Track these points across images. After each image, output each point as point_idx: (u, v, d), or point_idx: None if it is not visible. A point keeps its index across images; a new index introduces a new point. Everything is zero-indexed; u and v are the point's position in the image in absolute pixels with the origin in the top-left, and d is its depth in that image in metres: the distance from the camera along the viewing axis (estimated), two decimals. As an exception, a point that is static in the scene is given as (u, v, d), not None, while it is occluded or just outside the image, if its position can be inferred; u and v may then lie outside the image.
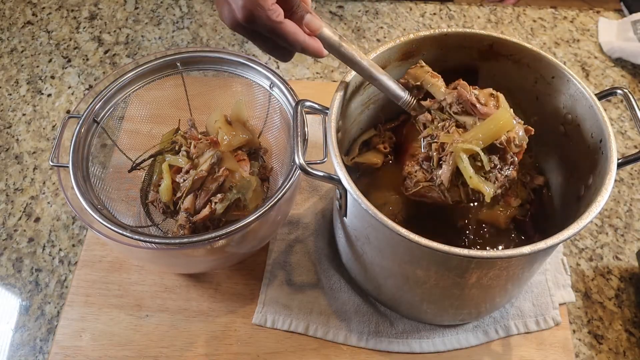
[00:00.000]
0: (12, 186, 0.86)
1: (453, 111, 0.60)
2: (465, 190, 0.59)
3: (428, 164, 0.61)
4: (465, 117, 0.59)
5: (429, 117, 0.62)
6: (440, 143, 0.59)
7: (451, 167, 0.57)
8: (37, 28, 1.08)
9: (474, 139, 0.57)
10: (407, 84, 0.63)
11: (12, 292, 0.76)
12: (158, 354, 0.69)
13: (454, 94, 0.60)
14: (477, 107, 0.58)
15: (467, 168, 0.56)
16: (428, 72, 0.62)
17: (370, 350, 0.69)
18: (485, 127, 0.57)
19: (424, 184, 0.61)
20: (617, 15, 1.09)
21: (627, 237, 0.80)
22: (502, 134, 0.57)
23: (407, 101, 0.62)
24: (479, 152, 0.56)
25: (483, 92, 0.60)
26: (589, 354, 0.70)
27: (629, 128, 0.92)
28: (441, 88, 0.62)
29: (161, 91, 0.77)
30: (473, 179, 0.56)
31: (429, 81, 0.62)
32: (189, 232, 0.68)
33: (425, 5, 1.11)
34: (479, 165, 0.57)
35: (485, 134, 0.57)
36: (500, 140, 0.57)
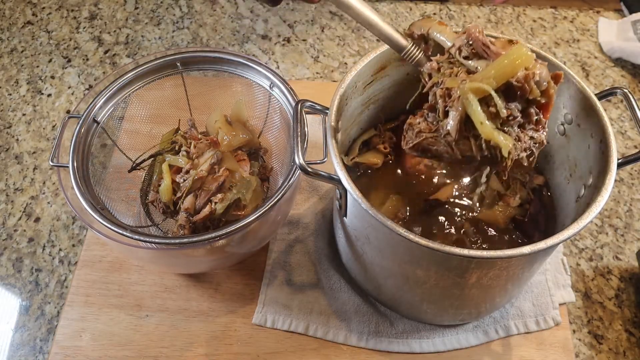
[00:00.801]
0: (12, 186, 0.86)
1: (463, 56, 0.51)
2: (477, 144, 0.49)
3: (433, 115, 0.52)
4: (478, 62, 0.50)
5: (435, 66, 0.53)
6: (445, 89, 0.50)
7: (459, 114, 0.48)
8: (37, 28, 1.08)
9: (485, 78, 0.47)
10: (412, 34, 0.55)
11: (12, 292, 0.76)
12: (158, 354, 0.69)
13: (463, 36, 0.52)
14: (489, 48, 0.49)
15: (477, 112, 0.47)
16: (435, 21, 0.55)
17: (370, 350, 0.69)
18: (498, 63, 0.48)
19: (428, 134, 0.52)
20: (617, 15, 1.09)
21: (627, 237, 0.80)
22: (518, 70, 0.47)
23: (410, 52, 0.54)
24: (491, 92, 0.47)
25: (500, 40, 0.51)
26: (589, 354, 0.70)
27: (629, 128, 0.92)
28: (450, 34, 0.53)
29: (161, 91, 0.77)
30: (485, 125, 0.47)
31: (436, 29, 0.54)
32: (189, 232, 0.68)
33: (425, 5, 1.11)
34: (494, 112, 0.48)
35: (498, 71, 0.47)
36: (517, 78, 0.47)
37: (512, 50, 0.48)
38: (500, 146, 0.47)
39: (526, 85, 0.47)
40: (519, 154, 0.49)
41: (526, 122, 0.50)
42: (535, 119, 0.50)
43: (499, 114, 0.47)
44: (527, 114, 0.50)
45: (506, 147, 0.47)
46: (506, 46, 0.50)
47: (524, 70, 0.47)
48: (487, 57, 0.50)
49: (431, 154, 0.53)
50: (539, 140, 0.50)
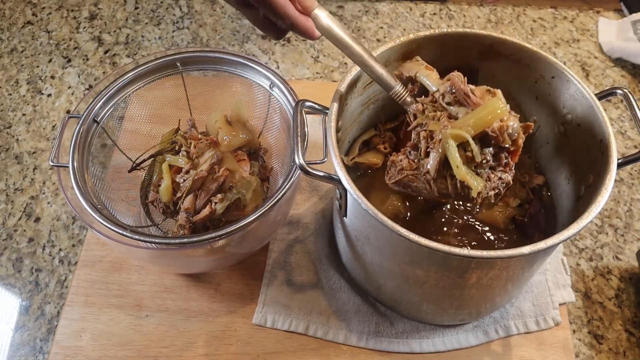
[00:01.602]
0: (12, 186, 0.86)
1: (446, 102, 0.57)
2: (453, 183, 0.55)
3: (415, 154, 0.58)
4: (458, 108, 0.56)
5: (420, 108, 0.59)
6: (428, 131, 0.56)
7: (439, 156, 0.54)
8: (37, 28, 1.08)
9: (464, 126, 0.54)
10: (401, 76, 0.61)
11: (12, 292, 0.76)
12: (158, 354, 0.69)
13: (447, 83, 0.58)
14: (470, 97, 0.56)
15: (455, 156, 0.53)
16: (423, 65, 0.61)
17: (370, 350, 0.69)
18: (477, 113, 0.54)
19: (409, 172, 0.57)
20: (617, 15, 1.09)
21: (627, 237, 0.80)
22: (494, 122, 0.53)
23: (399, 92, 0.59)
24: (469, 139, 0.53)
25: (479, 88, 0.57)
26: (589, 354, 0.70)
27: (629, 128, 0.92)
28: (435, 79, 0.59)
29: (161, 91, 0.77)
30: (460, 169, 0.53)
31: (423, 73, 0.60)
32: (189, 232, 0.68)
33: (425, 5, 1.11)
34: (470, 157, 0.54)
35: (477, 121, 0.53)
36: (492, 128, 0.53)
37: (489, 103, 0.55)
38: (471, 187, 0.54)
39: (500, 136, 0.54)
40: (487, 193, 0.55)
41: (497, 165, 0.56)
42: (504, 162, 0.56)
43: (474, 158, 0.53)
44: (498, 158, 0.56)
45: (476, 189, 0.53)
46: (484, 95, 0.56)
47: (499, 122, 0.53)
48: (466, 105, 0.56)
49: (411, 190, 0.59)
50: (506, 181, 0.56)
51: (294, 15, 0.55)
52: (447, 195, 0.56)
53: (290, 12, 0.55)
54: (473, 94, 0.56)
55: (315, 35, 0.57)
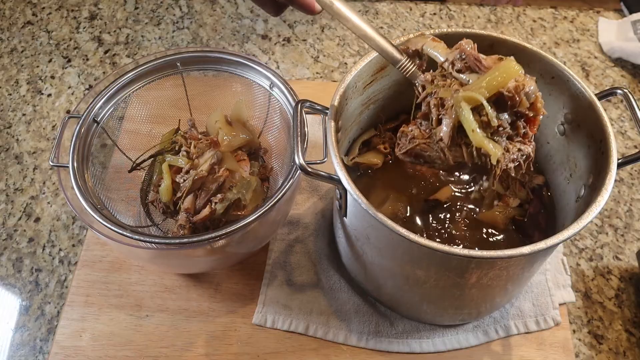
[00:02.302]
0: (12, 186, 0.86)
1: (456, 69, 0.53)
2: (469, 151, 0.51)
3: (427, 124, 0.54)
4: (470, 75, 0.52)
5: (429, 78, 0.55)
6: (439, 98, 0.52)
7: (452, 121, 0.50)
8: (37, 28, 1.08)
9: (477, 88, 0.50)
10: (407, 50, 0.58)
11: (12, 292, 0.76)
12: (158, 354, 0.69)
13: (455, 52, 0.54)
14: (481, 62, 0.52)
15: (469, 120, 0.49)
16: (429, 37, 0.58)
17: (370, 350, 0.69)
18: (490, 75, 0.50)
19: (421, 141, 0.54)
20: (617, 15, 1.09)
21: (627, 237, 0.80)
22: (509, 81, 0.49)
23: (405, 65, 0.56)
24: (483, 101, 0.49)
25: (490, 57, 0.53)
26: (589, 354, 0.70)
27: (629, 128, 0.92)
28: (443, 50, 0.56)
29: (161, 91, 0.77)
30: (476, 133, 0.49)
31: (429, 45, 0.56)
32: (189, 232, 0.68)
33: (425, 5, 1.11)
34: (485, 122, 0.50)
35: (490, 82, 0.50)
36: (508, 88, 0.49)
37: (502, 64, 0.51)
38: (490, 154, 0.49)
39: (516, 96, 0.49)
40: (507, 164, 0.51)
41: (514, 134, 0.52)
42: (522, 132, 0.52)
43: (489, 123, 0.49)
44: (516, 127, 0.52)
45: (495, 155, 0.49)
46: (496, 62, 0.52)
47: (514, 82, 0.50)
48: (478, 71, 0.52)
49: (424, 160, 0.55)
50: (526, 153, 0.52)
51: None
52: (463, 165, 0.53)
53: None
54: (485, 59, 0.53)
55: (315, 9, 0.54)
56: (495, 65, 0.51)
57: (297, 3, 0.54)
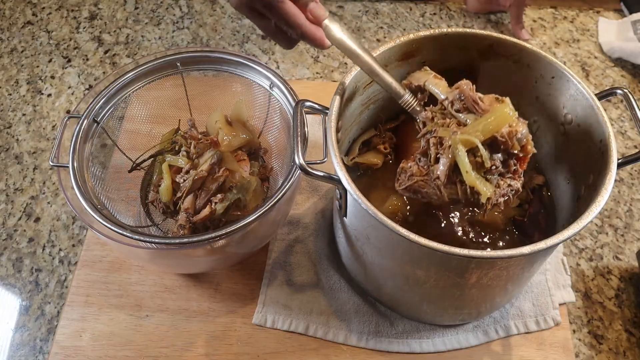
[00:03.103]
0: (12, 186, 0.86)
1: (455, 109, 0.57)
2: (463, 189, 0.55)
3: (425, 160, 0.58)
4: (467, 115, 0.56)
5: (429, 116, 0.59)
6: (438, 137, 0.56)
7: (449, 161, 0.55)
8: (37, 28, 1.08)
9: (474, 131, 0.54)
10: (410, 85, 0.61)
11: (12, 292, 0.76)
12: (158, 354, 0.69)
13: (455, 91, 0.58)
14: (479, 104, 0.56)
15: (464, 161, 0.53)
16: (431, 74, 0.61)
17: (370, 350, 0.69)
18: (485, 119, 0.55)
19: (419, 178, 0.58)
20: (617, 15, 1.09)
21: (627, 237, 0.80)
22: (503, 126, 0.53)
23: (407, 101, 0.60)
24: (478, 144, 0.53)
25: (487, 97, 0.57)
26: (589, 354, 0.70)
27: (629, 128, 0.92)
28: (444, 88, 0.60)
29: (161, 91, 0.77)
30: (469, 174, 0.53)
31: (431, 82, 0.60)
32: (189, 232, 0.68)
33: (425, 5, 1.11)
34: (480, 162, 0.54)
35: (485, 127, 0.54)
36: (501, 134, 0.53)
37: (498, 108, 0.55)
38: (481, 194, 0.54)
39: (509, 140, 0.54)
40: (497, 200, 0.55)
41: (506, 171, 0.56)
42: (513, 169, 0.56)
43: (483, 164, 0.54)
44: (507, 165, 0.56)
45: (485, 195, 0.54)
46: (493, 102, 0.56)
47: (508, 127, 0.53)
48: (475, 112, 0.56)
49: (421, 196, 0.58)
50: (515, 188, 0.56)
51: (305, 24, 0.56)
52: (457, 201, 0.57)
53: (301, 21, 0.56)
54: (481, 101, 0.56)
55: (325, 44, 0.58)
56: (492, 107, 0.55)
57: (308, 38, 0.57)
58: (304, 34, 0.57)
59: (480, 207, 0.55)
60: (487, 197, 0.54)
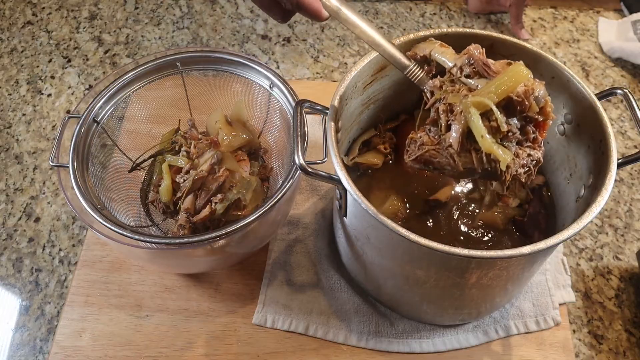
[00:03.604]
0: (12, 186, 0.86)
1: (464, 75, 0.53)
2: (478, 157, 0.50)
3: (435, 130, 0.53)
4: (478, 80, 0.52)
5: (437, 84, 0.55)
6: (448, 104, 0.52)
7: (461, 127, 0.50)
8: (37, 28, 1.08)
9: (486, 93, 0.49)
10: (415, 56, 0.58)
11: (12, 292, 0.76)
12: (158, 354, 0.69)
13: (464, 57, 0.54)
14: (490, 67, 0.51)
15: (478, 125, 0.48)
16: (437, 43, 0.57)
17: (370, 350, 0.69)
18: (499, 79, 0.50)
19: (430, 147, 0.53)
20: (617, 15, 1.09)
21: (627, 237, 0.80)
22: (518, 85, 0.49)
23: (413, 71, 0.56)
24: (492, 106, 0.48)
25: (499, 62, 0.53)
26: (589, 354, 0.70)
27: (629, 128, 0.92)
28: (451, 55, 0.56)
29: (161, 91, 0.77)
30: (485, 139, 0.48)
31: (437, 50, 0.56)
32: (189, 232, 0.68)
33: (425, 5, 1.11)
34: (495, 127, 0.49)
35: (499, 86, 0.49)
36: (517, 93, 0.49)
37: (511, 68, 0.50)
38: (499, 160, 0.49)
39: (526, 100, 0.49)
40: (517, 170, 0.51)
41: (524, 139, 0.52)
42: (532, 137, 0.52)
43: (499, 128, 0.49)
44: (525, 132, 0.51)
45: (505, 161, 0.49)
46: (505, 67, 0.51)
47: (523, 86, 0.49)
48: (487, 76, 0.51)
49: (433, 167, 0.54)
50: (536, 158, 0.52)
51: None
52: (473, 171, 0.52)
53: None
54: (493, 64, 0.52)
55: (323, 15, 0.54)
56: (504, 69, 0.51)
57: (304, 9, 0.53)
58: (300, 4, 0.53)
59: (499, 177, 0.50)
60: (506, 163, 0.49)
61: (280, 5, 0.55)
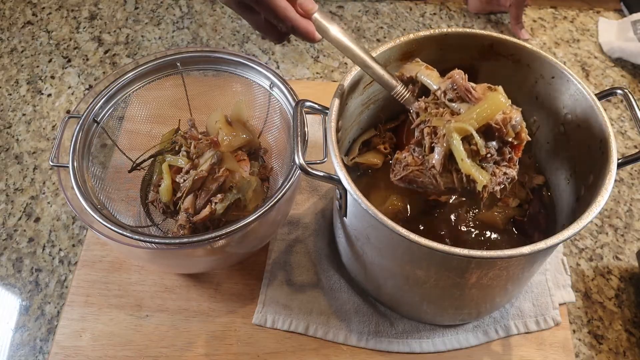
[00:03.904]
0: (12, 186, 0.86)
1: (448, 99, 0.57)
2: (459, 177, 0.55)
3: (419, 150, 0.58)
4: (460, 104, 0.56)
5: (422, 106, 0.59)
6: (432, 127, 0.56)
7: (444, 150, 0.54)
8: (37, 28, 1.08)
9: (468, 119, 0.54)
10: (402, 77, 0.61)
11: (12, 292, 0.76)
12: (158, 354, 0.69)
13: (447, 81, 0.58)
14: (471, 93, 0.56)
15: (459, 149, 0.53)
16: (423, 65, 0.61)
17: (370, 350, 0.69)
18: (479, 107, 0.54)
19: (414, 167, 0.57)
20: (617, 15, 1.09)
21: (627, 237, 0.80)
22: (496, 113, 0.54)
23: (400, 92, 0.60)
24: (472, 132, 0.53)
25: (480, 86, 0.57)
26: (589, 354, 0.70)
27: (629, 128, 0.92)
28: (436, 78, 0.59)
29: (161, 91, 0.77)
30: (465, 162, 0.53)
31: (423, 73, 0.60)
32: (189, 232, 0.68)
33: (425, 5, 1.11)
34: (475, 150, 0.54)
35: (479, 114, 0.54)
36: (496, 120, 0.53)
37: (491, 96, 0.55)
38: (477, 182, 0.53)
39: (503, 127, 0.53)
40: (493, 188, 0.55)
41: (501, 159, 0.56)
42: (508, 157, 0.56)
43: (479, 151, 0.53)
44: (502, 152, 0.55)
45: (481, 182, 0.53)
46: (486, 91, 0.56)
47: (502, 114, 0.53)
48: (469, 101, 0.55)
49: (417, 186, 0.58)
50: (511, 176, 0.56)
51: (294, 18, 0.56)
52: (454, 190, 0.56)
53: (291, 15, 0.56)
54: (474, 90, 0.56)
55: (316, 38, 0.58)
56: (485, 95, 0.55)
57: (298, 32, 0.57)
58: (294, 28, 0.56)
59: (477, 195, 0.55)
60: (483, 184, 0.54)
61: (276, 29, 0.58)
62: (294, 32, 0.57)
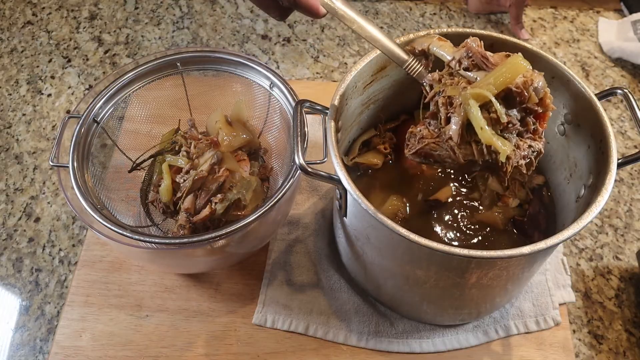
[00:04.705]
0: (12, 186, 0.86)
1: (463, 67, 0.53)
2: (479, 149, 0.50)
3: (435, 123, 0.53)
4: (477, 73, 0.52)
5: (436, 77, 0.55)
6: (447, 97, 0.52)
7: (461, 119, 0.50)
8: (37, 28, 1.08)
9: (485, 85, 0.49)
10: (413, 50, 0.58)
11: (12, 292, 0.76)
12: (158, 354, 0.69)
13: (462, 50, 0.54)
14: (488, 59, 0.51)
15: (478, 117, 0.48)
16: (435, 36, 0.57)
17: (370, 350, 0.69)
18: (497, 71, 0.50)
19: (430, 140, 0.53)
20: (617, 15, 1.09)
21: (627, 237, 0.80)
22: (516, 77, 0.49)
23: (412, 65, 0.56)
24: (491, 97, 0.48)
25: (497, 54, 0.53)
26: (589, 354, 0.70)
27: (629, 128, 0.92)
28: (449, 49, 0.55)
29: (161, 91, 0.77)
30: (484, 131, 0.48)
31: (436, 44, 0.56)
32: (189, 232, 0.68)
33: (425, 5, 1.11)
34: (495, 118, 0.49)
35: (498, 78, 0.49)
36: (516, 84, 0.48)
37: (509, 60, 0.50)
38: (499, 151, 0.49)
39: (525, 91, 0.49)
40: (518, 161, 0.51)
41: (524, 130, 0.51)
42: (532, 129, 0.52)
43: (499, 120, 0.49)
44: (525, 123, 0.51)
45: (504, 152, 0.49)
46: (503, 58, 0.51)
47: (522, 77, 0.49)
48: (486, 69, 0.51)
49: (434, 160, 0.54)
50: (537, 149, 0.52)
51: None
52: (474, 163, 0.52)
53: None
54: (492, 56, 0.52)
55: (320, 12, 0.54)
56: (502, 61, 0.51)
57: (301, 7, 0.53)
58: (297, 1, 0.53)
59: (500, 168, 0.50)
60: (506, 154, 0.49)
61: (277, 3, 0.55)
62: (297, 6, 0.53)
